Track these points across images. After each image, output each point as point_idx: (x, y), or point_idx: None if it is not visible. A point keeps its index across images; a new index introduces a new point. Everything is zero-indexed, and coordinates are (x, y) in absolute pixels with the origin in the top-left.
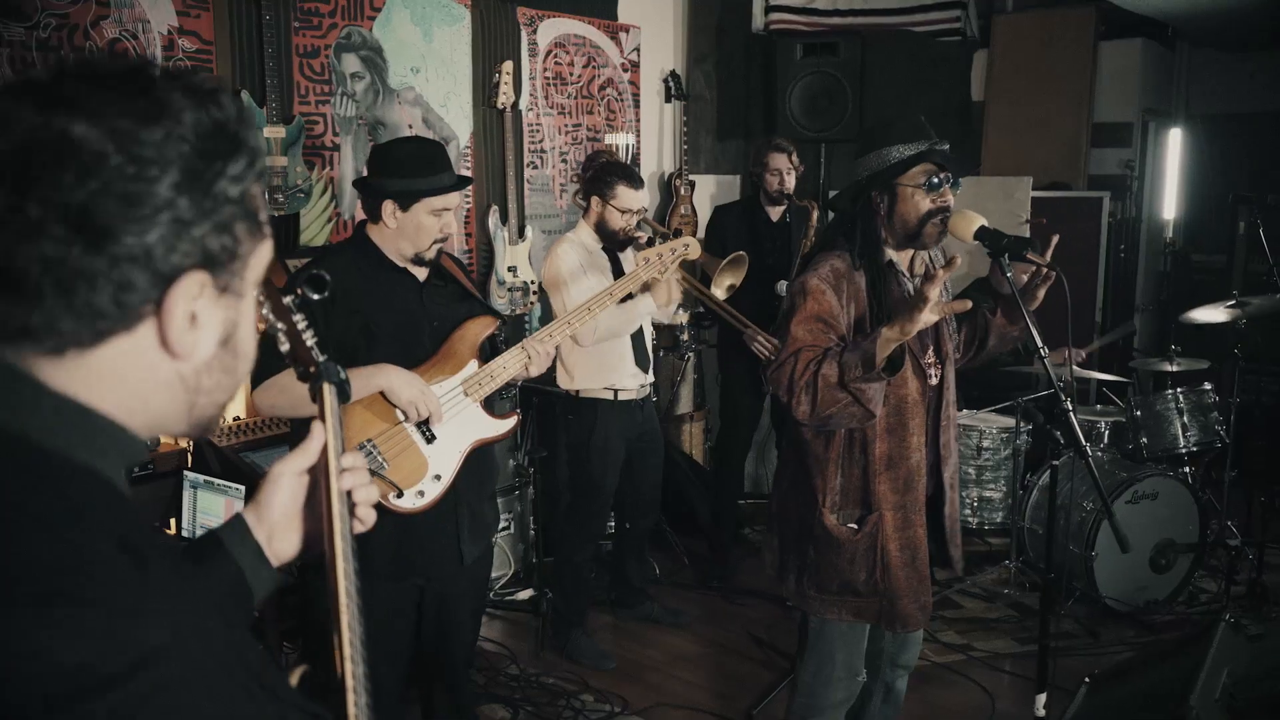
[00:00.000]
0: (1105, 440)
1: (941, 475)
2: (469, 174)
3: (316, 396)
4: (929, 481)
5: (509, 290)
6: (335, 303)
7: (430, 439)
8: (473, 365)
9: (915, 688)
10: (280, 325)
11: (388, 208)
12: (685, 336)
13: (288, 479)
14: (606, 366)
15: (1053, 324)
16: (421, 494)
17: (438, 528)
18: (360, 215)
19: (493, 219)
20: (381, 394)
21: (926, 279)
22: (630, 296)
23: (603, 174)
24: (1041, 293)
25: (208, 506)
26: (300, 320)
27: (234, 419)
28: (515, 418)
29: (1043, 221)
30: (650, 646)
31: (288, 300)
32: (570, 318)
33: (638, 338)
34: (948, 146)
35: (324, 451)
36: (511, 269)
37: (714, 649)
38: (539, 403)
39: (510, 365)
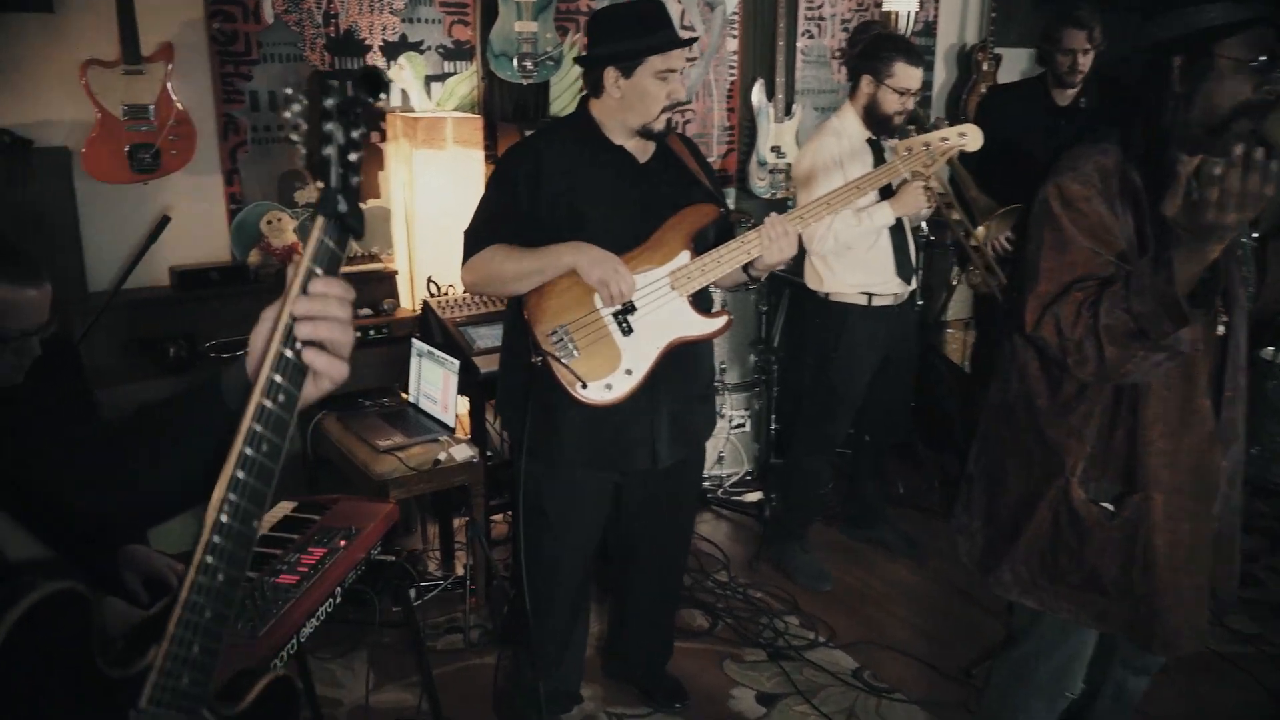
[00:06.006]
0: None
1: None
2: (735, 43)
3: (311, 222)
4: None
5: (770, 172)
6: (542, 184)
7: (628, 331)
8: (684, 256)
9: (1183, 677)
10: (301, 126)
11: (610, 75)
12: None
13: (267, 324)
14: (862, 270)
15: None
16: (609, 387)
17: (631, 425)
18: None
19: (757, 93)
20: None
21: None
22: (885, 194)
23: (877, 48)
24: None
25: (429, 376)
26: (333, 128)
27: (463, 294)
28: (726, 318)
29: None
30: (873, 574)
31: (329, 103)
32: (804, 211)
33: (900, 244)
34: None
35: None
36: (775, 149)
37: (943, 587)
38: (790, 295)
39: (727, 258)
